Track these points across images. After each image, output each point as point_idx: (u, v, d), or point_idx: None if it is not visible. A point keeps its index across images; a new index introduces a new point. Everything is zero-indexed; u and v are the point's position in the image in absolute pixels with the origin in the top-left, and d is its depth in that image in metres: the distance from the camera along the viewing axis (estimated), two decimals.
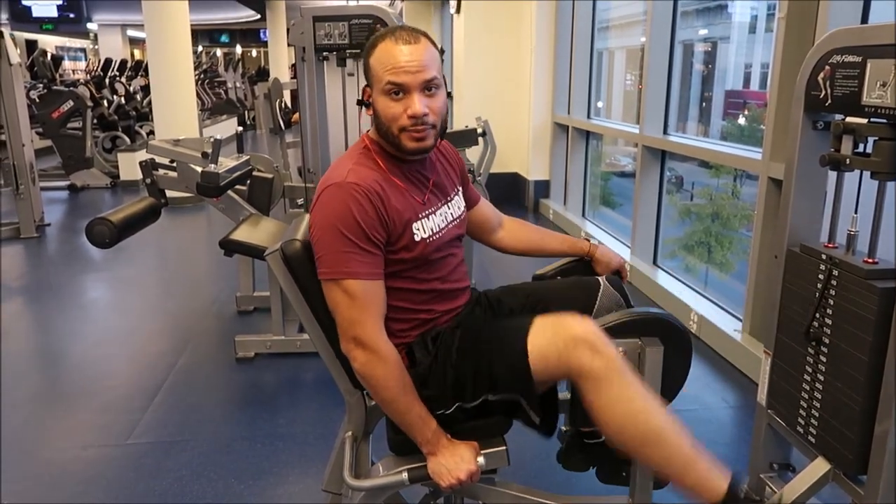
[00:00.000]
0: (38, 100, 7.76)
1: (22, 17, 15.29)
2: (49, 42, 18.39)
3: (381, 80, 1.35)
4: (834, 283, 1.70)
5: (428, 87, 1.35)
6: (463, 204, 1.61)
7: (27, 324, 3.98)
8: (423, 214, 1.44)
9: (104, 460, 2.42)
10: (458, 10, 7.31)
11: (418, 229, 1.41)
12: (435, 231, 1.45)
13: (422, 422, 1.36)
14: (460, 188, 1.62)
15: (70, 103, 7.63)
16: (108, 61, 11.72)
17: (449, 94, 1.44)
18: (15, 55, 5.49)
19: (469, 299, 1.59)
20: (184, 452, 2.44)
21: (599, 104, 6.21)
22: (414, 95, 1.34)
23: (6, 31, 5.49)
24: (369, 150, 1.44)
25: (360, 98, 1.45)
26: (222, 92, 14.67)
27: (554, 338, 1.29)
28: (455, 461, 1.35)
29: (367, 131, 1.48)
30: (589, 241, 1.76)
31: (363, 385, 1.40)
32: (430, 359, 1.42)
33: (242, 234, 3.17)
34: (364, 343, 1.33)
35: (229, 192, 3.42)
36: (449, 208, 1.53)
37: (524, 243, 1.77)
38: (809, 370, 1.80)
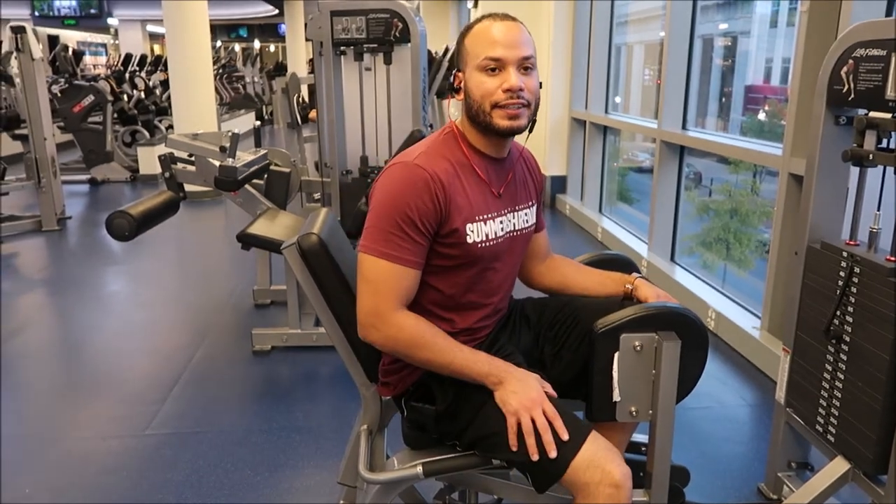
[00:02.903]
0: (59, 94, 7.84)
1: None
2: (70, 37, 18.60)
3: (477, 57, 1.32)
4: (855, 280, 1.68)
5: (525, 65, 1.32)
6: (532, 219, 1.52)
7: (48, 315, 4.04)
8: (483, 217, 1.37)
9: (123, 451, 2.45)
10: (475, 5, 7.30)
11: (472, 231, 1.35)
12: (490, 237, 1.38)
13: (470, 364, 1.31)
14: (534, 203, 1.54)
15: (91, 98, 7.72)
16: (129, 56, 11.83)
17: (539, 84, 1.39)
18: (37, 50, 5.56)
19: (500, 318, 1.52)
20: (201, 444, 2.46)
21: (617, 99, 6.17)
22: (510, 70, 1.31)
23: (29, 27, 5.56)
24: (454, 135, 1.40)
25: (450, 83, 1.42)
26: (240, 87, 14.75)
27: (594, 469, 1.23)
28: (524, 388, 1.28)
29: (455, 120, 1.43)
30: (633, 280, 1.55)
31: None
32: (449, 399, 1.36)
33: (259, 228, 3.19)
34: (377, 325, 1.30)
35: (247, 186, 3.44)
36: (515, 217, 1.45)
37: (559, 280, 1.64)
38: (829, 368, 1.78)
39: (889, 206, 1.66)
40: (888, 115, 1.58)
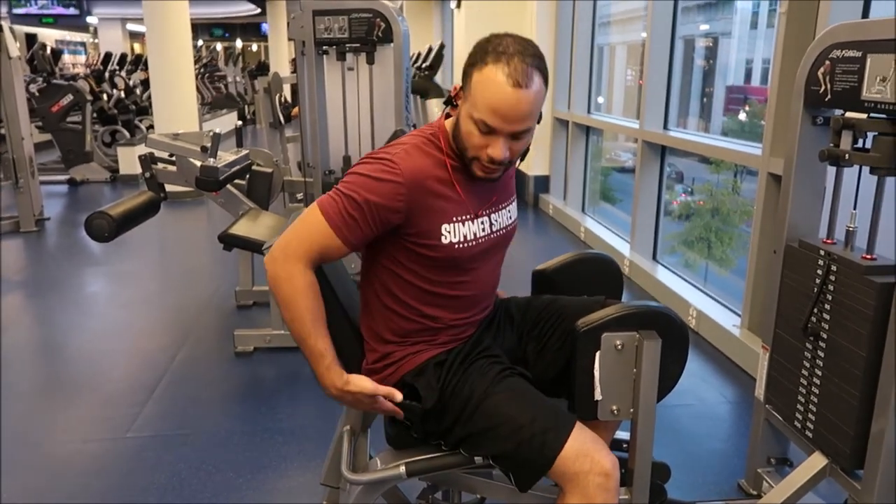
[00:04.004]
0: (37, 93, 7.74)
1: None
2: (49, 36, 18.38)
3: (474, 108, 1.27)
4: (832, 278, 1.70)
5: (518, 135, 1.29)
6: (515, 213, 1.53)
7: (27, 318, 3.98)
8: (461, 218, 1.36)
9: (105, 453, 2.43)
10: (458, 5, 7.30)
11: (448, 231, 1.35)
12: (469, 238, 1.37)
13: (315, 359, 1.34)
14: (515, 196, 1.56)
15: (70, 97, 7.61)
16: (108, 55, 11.69)
17: (539, 118, 1.34)
18: (14, 49, 5.48)
19: (485, 317, 1.53)
20: (183, 446, 2.44)
21: (600, 99, 6.20)
22: (500, 140, 1.28)
23: (6, 25, 5.48)
24: (437, 138, 1.37)
25: (449, 95, 1.38)
26: (222, 86, 14.63)
27: (584, 458, 1.25)
28: (361, 406, 1.39)
29: (445, 117, 1.41)
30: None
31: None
32: (435, 397, 1.37)
33: (242, 229, 3.17)
34: (278, 260, 1.30)
35: (228, 186, 3.42)
36: (499, 216, 1.45)
37: None
38: (807, 365, 1.81)
39: (865, 206, 1.68)
40: (864, 116, 1.60)
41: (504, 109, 1.24)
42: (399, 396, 1.36)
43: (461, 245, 1.37)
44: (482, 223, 1.41)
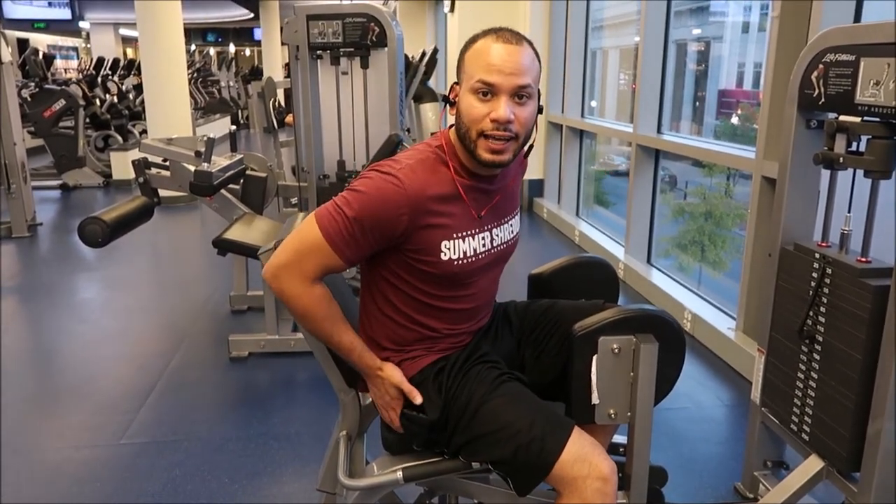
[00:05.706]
0: (29, 98, 7.70)
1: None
2: (41, 40, 18.30)
3: (471, 77, 1.27)
4: (827, 281, 1.71)
5: (519, 94, 1.27)
6: (517, 227, 1.51)
7: (20, 324, 3.95)
8: (461, 234, 1.35)
9: (97, 461, 2.41)
10: (451, 9, 7.32)
11: (448, 248, 1.33)
12: (469, 254, 1.36)
13: (346, 353, 1.38)
14: (519, 209, 1.53)
15: (62, 102, 7.58)
16: (101, 60, 11.64)
17: (540, 109, 1.34)
18: (6, 53, 5.45)
19: (482, 325, 1.52)
20: (177, 452, 2.43)
21: (593, 103, 6.22)
22: (502, 99, 1.26)
23: None
24: (442, 150, 1.35)
25: (445, 95, 1.37)
26: (215, 91, 14.61)
27: (582, 463, 1.25)
28: (379, 393, 1.41)
29: (449, 127, 1.38)
30: None
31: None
32: (438, 411, 1.36)
33: (236, 234, 3.16)
34: (281, 277, 1.30)
35: (223, 191, 3.41)
36: (500, 231, 1.44)
37: None
38: (803, 368, 1.81)
39: (860, 209, 1.69)
40: (857, 119, 1.61)
41: (499, 62, 1.26)
42: (419, 399, 1.37)
43: (460, 262, 1.35)
44: (483, 238, 1.39)
